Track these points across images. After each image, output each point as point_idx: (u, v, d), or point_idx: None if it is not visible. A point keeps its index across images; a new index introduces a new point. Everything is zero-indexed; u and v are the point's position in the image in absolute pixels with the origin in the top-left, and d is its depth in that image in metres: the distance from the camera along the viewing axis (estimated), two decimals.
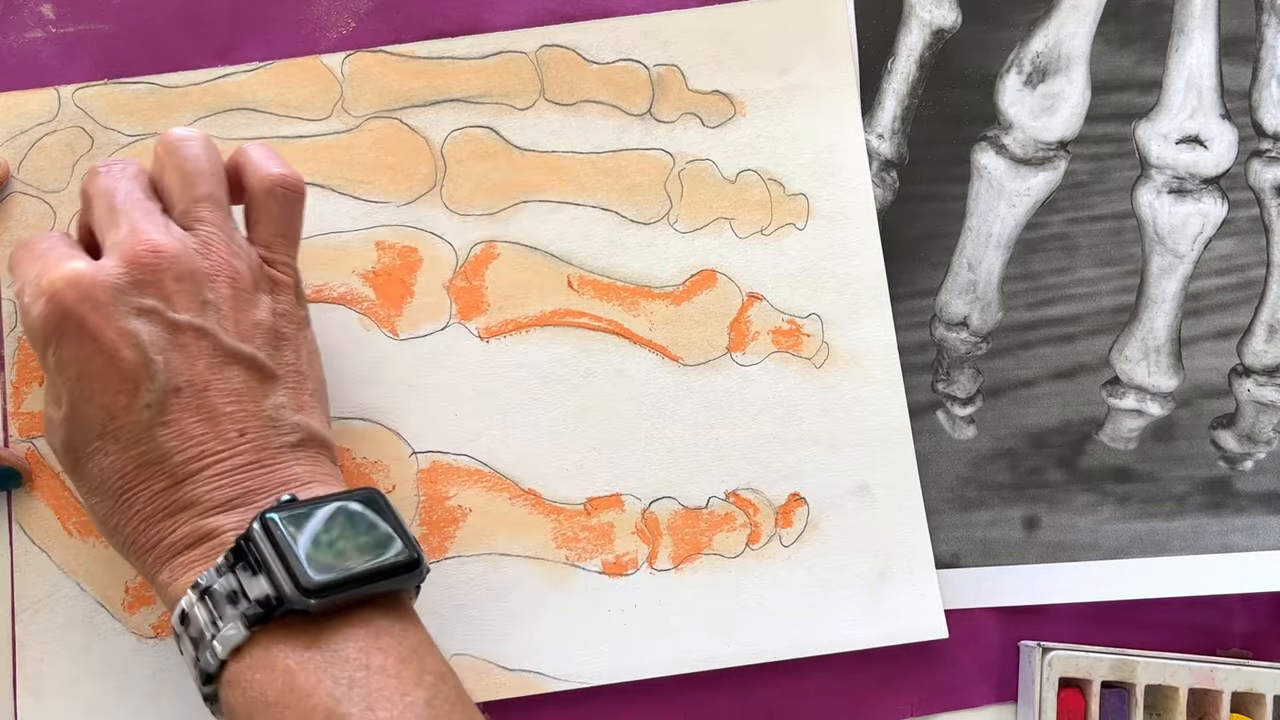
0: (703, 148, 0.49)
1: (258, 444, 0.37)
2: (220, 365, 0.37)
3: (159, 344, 0.36)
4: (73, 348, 0.36)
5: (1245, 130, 0.50)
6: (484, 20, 0.49)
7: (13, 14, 0.48)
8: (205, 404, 0.37)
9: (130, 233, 0.38)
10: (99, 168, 0.40)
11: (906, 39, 0.50)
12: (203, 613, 0.35)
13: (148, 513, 0.37)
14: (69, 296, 0.36)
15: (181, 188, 0.39)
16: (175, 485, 0.36)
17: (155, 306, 0.37)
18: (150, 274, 0.37)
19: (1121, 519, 0.49)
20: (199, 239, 0.38)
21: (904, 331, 0.49)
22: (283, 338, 0.40)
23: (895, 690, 0.47)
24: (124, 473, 0.37)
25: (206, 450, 0.37)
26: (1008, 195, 0.49)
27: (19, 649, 0.44)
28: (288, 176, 0.41)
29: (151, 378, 0.36)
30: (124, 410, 0.36)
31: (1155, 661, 0.47)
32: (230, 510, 0.36)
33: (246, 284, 0.39)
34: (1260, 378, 0.49)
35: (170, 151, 0.40)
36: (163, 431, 0.36)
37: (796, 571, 0.47)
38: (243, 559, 0.35)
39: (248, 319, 0.38)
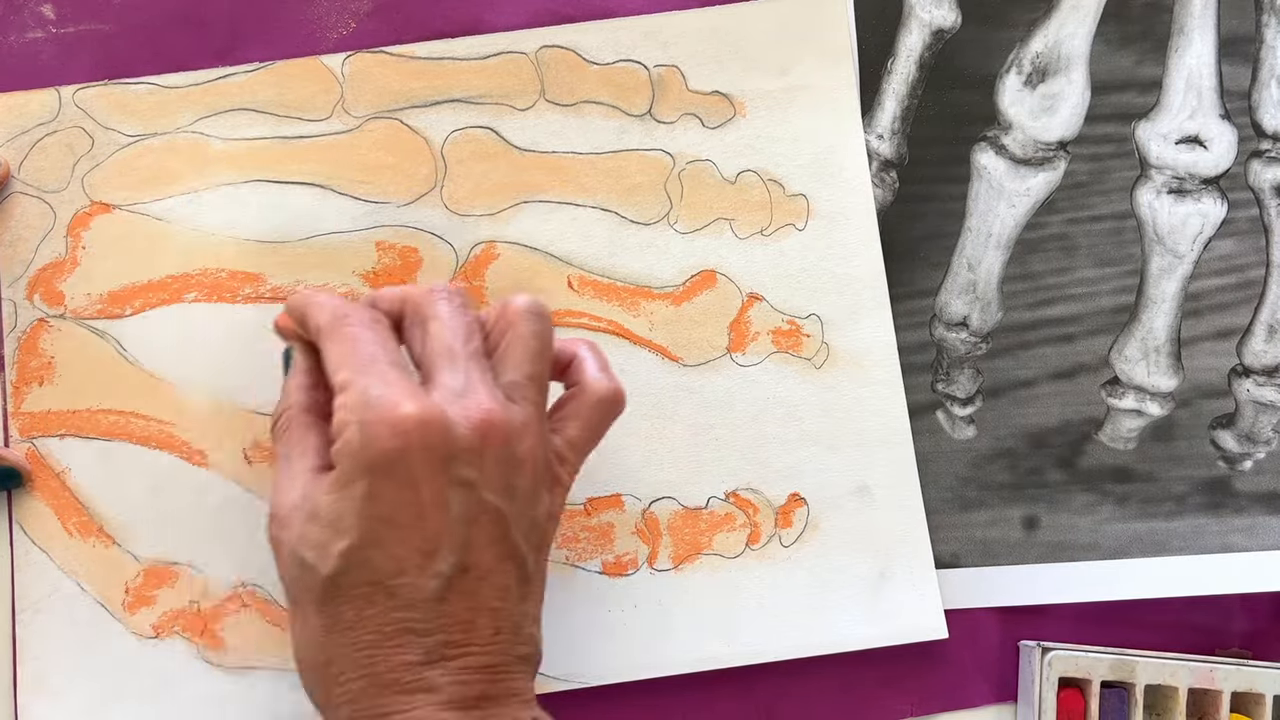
0: (703, 148, 0.49)
1: (504, 648, 0.36)
2: (503, 557, 0.36)
3: (465, 519, 0.35)
4: (393, 490, 0.34)
5: (1245, 130, 0.50)
6: (484, 21, 0.49)
7: (13, 14, 0.48)
8: (478, 592, 0.35)
9: (472, 392, 0.36)
10: (440, 293, 0.38)
11: (906, 39, 0.50)
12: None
13: (387, 680, 0.34)
14: (415, 442, 0.34)
15: (518, 359, 0.37)
16: (425, 664, 0.35)
17: (474, 480, 0.35)
18: (481, 445, 0.35)
19: (1121, 519, 0.49)
20: (521, 420, 0.36)
21: (904, 332, 0.49)
22: (545, 541, 0.38)
23: (895, 690, 0.47)
24: (382, 630, 0.35)
25: (468, 640, 0.35)
26: (1007, 195, 0.50)
27: (19, 649, 0.44)
28: (622, 395, 0.40)
29: (452, 550, 0.35)
30: (415, 570, 0.35)
31: (1155, 661, 0.47)
32: (464, 711, 0.35)
33: (541, 478, 0.37)
34: (1260, 378, 0.49)
35: (518, 320, 0.38)
36: (440, 607, 0.35)
37: (796, 572, 0.47)
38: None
39: (530, 515, 0.37)
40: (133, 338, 0.46)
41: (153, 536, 0.45)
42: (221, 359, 0.46)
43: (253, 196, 0.47)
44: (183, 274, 0.47)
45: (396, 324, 0.39)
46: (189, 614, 0.45)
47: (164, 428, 0.46)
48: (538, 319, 0.38)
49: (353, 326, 0.37)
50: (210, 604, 0.45)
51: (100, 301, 0.46)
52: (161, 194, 0.47)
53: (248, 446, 0.46)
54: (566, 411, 0.39)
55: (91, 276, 0.46)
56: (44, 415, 0.46)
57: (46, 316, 0.46)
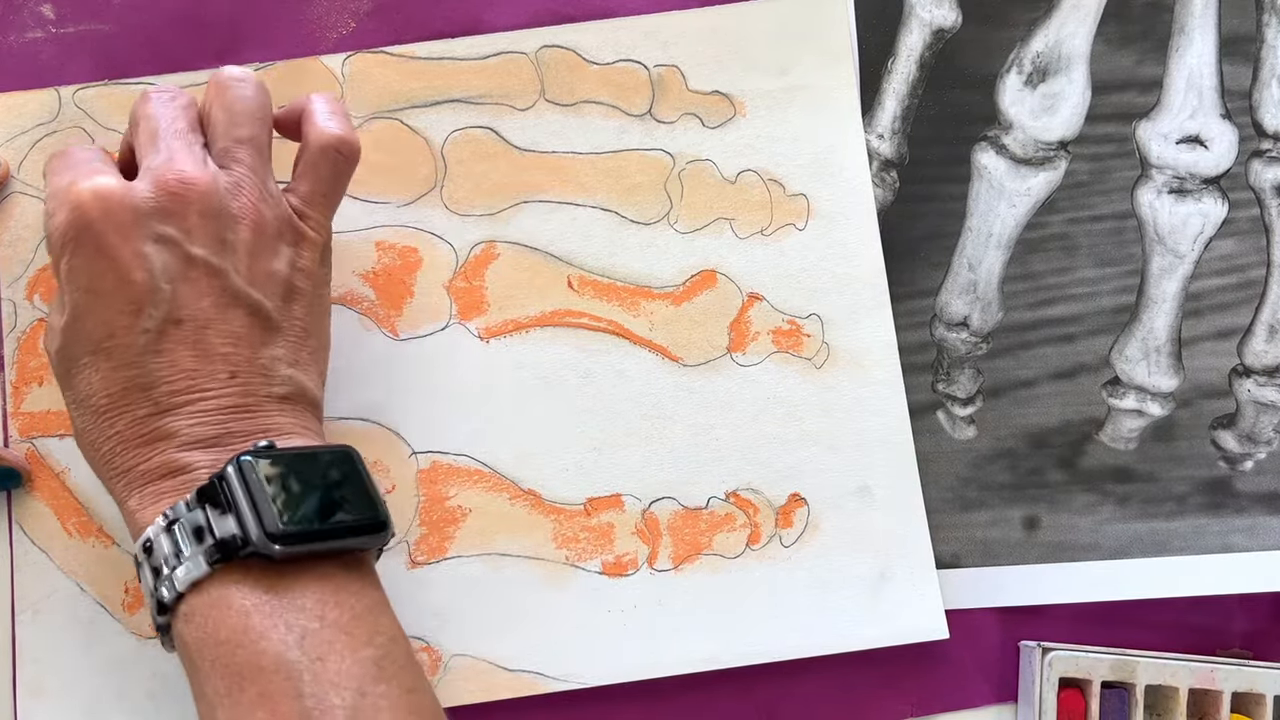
0: (703, 148, 0.49)
1: (246, 389, 0.37)
2: (225, 306, 0.37)
3: (170, 273, 0.37)
4: (86, 260, 0.36)
5: (1245, 130, 0.50)
6: (484, 21, 0.49)
7: (13, 14, 0.48)
8: (202, 340, 0.37)
9: (166, 161, 0.38)
10: (150, 93, 0.40)
11: (907, 39, 0.50)
12: (167, 544, 0.35)
13: (127, 436, 0.37)
14: (93, 210, 0.36)
15: (225, 126, 0.39)
16: (157, 414, 0.37)
17: (174, 236, 0.37)
18: (176, 204, 0.37)
19: (1122, 519, 0.49)
20: (232, 179, 0.38)
21: (904, 331, 0.49)
22: (296, 291, 0.39)
23: (896, 690, 0.47)
24: (110, 392, 0.37)
25: (194, 385, 0.37)
26: (1008, 195, 0.49)
27: (19, 649, 0.44)
28: (346, 139, 0.41)
29: (155, 304, 0.36)
30: (123, 330, 0.36)
31: (1155, 662, 0.47)
32: (208, 448, 0.36)
33: (270, 232, 0.39)
34: (1260, 378, 0.49)
35: (220, 90, 0.40)
36: (155, 359, 0.37)
37: (797, 572, 0.47)
38: (213, 497, 0.35)
39: (262, 267, 0.38)
40: None
41: None
42: None
43: None
44: None
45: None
46: None
47: None
48: (242, 84, 0.40)
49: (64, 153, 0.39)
50: None
51: None
52: None
53: None
54: (299, 168, 0.41)
55: None
56: (44, 415, 0.46)
57: (46, 316, 0.46)
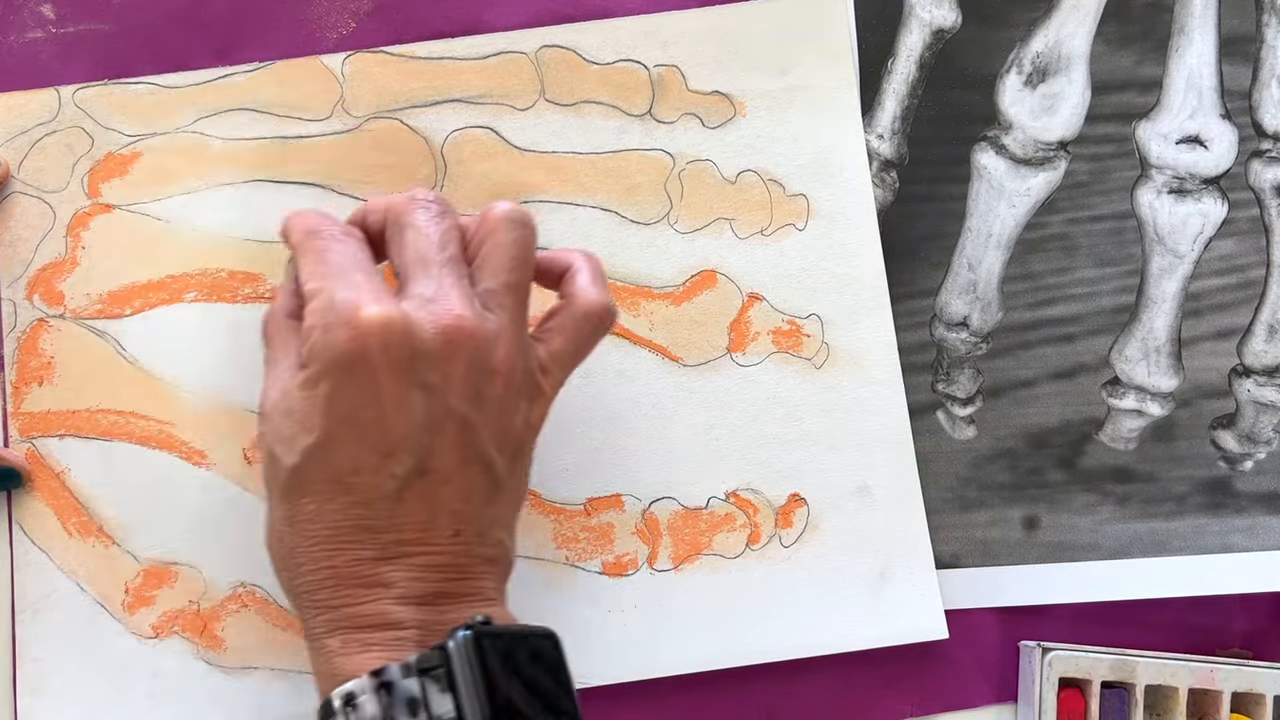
0: (703, 148, 0.49)
1: (465, 549, 0.36)
2: (468, 463, 0.36)
3: (429, 424, 0.35)
4: (354, 391, 0.35)
5: (1245, 130, 0.50)
6: (484, 21, 0.49)
7: (13, 14, 0.48)
8: (438, 495, 0.36)
9: (441, 295, 0.36)
10: (419, 201, 0.38)
11: (906, 39, 0.50)
12: (373, 706, 0.33)
13: (344, 574, 0.35)
14: (375, 344, 0.35)
15: (495, 267, 0.38)
16: (380, 560, 0.35)
17: (439, 386, 0.35)
18: (448, 350, 0.35)
19: (1121, 519, 0.49)
20: (495, 327, 0.37)
21: (904, 331, 0.49)
22: (523, 450, 0.38)
23: (895, 690, 0.47)
24: (339, 526, 0.36)
25: (423, 539, 0.36)
26: (1008, 195, 0.49)
27: (19, 649, 0.44)
28: (611, 310, 0.40)
29: (410, 452, 0.35)
30: (370, 470, 0.35)
31: (1155, 661, 0.47)
32: (420, 605, 0.35)
33: (518, 388, 0.37)
34: (1260, 378, 0.49)
35: (497, 227, 0.38)
36: (395, 507, 0.35)
37: (797, 572, 0.47)
38: (429, 669, 0.33)
39: (505, 424, 0.37)
40: (133, 338, 0.46)
41: (152, 536, 0.45)
42: (221, 359, 0.46)
43: (253, 196, 0.47)
44: (183, 274, 0.47)
45: (381, 237, 0.39)
46: (188, 614, 0.45)
47: (164, 428, 0.46)
48: (518, 226, 0.38)
49: (323, 240, 0.38)
50: (210, 604, 0.45)
51: (100, 301, 0.46)
52: (161, 194, 0.47)
53: (247, 446, 0.46)
54: (553, 323, 0.40)
55: (91, 276, 0.46)
56: (44, 415, 0.46)
57: (46, 316, 0.46)
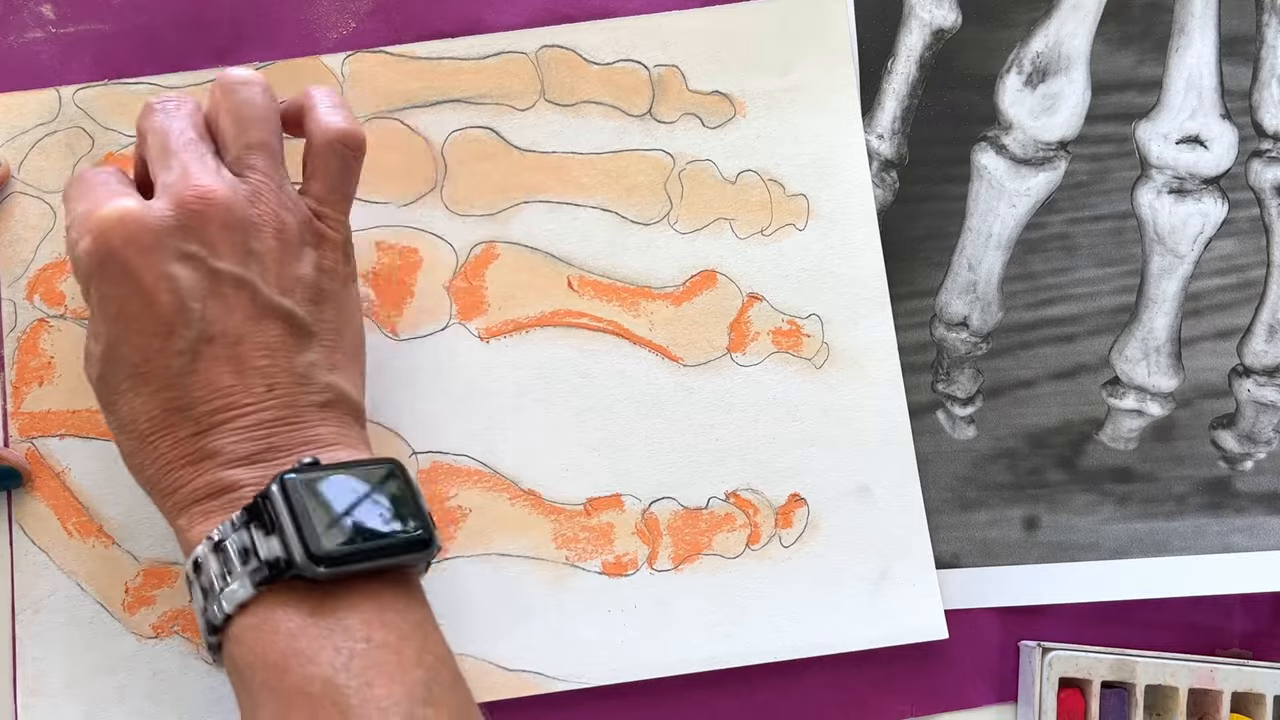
0: (703, 148, 0.49)
1: (285, 401, 0.37)
2: (257, 318, 0.37)
3: (198, 291, 0.36)
4: (113, 287, 0.36)
5: (1245, 130, 0.50)
6: (484, 21, 0.49)
7: (13, 14, 0.48)
8: (237, 356, 0.37)
9: (181, 175, 0.37)
10: (154, 104, 0.40)
11: (906, 39, 0.50)
12: (214, 565, 0.35)
13: (171, 458, 0.37)
14: (114, 236, 0.36)
15: (235, 133, 0.39)
16: (199, 434, 0.36)
17: (198, 253, 0.36)
18: (196, 220, 0.37)
19: (1121, 519, 0.49)
20: (249, 187, 0.38)
21: (904, 332, 0.49)
22: (324, 294, 0.39)
23: (895, 690, 0.47)
24: (151, 416, 0.37)
25: (233, 403, 0.37)
26: (1008, 195, 0.49)
27: (19, 649, 0.44)
28: (349, 133, 0.40)
29: (187, 324, 0.36)
30: (157, 354, 0.36)
31: (1155, 661, 0.47)
32: (252, 465, 0.36)
33: (292, 237, 0.38)
34: (1260, 378, 0.49)
35: (226, 94, 0.39)
36: (192, 379, 0.36)
37: (796, 572, 0.47)
38: (258, 517, 0.35)
39: (290, 273, 0.38)
40: None
41: (152, 536, 0.45)
42: None
43: None
44: None
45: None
46: (188, 614, 0.45)
47: None
48: (244, 86, 0.39)
49: (81, 178, 0.39)
50: None
51: None
52: None
53: None
54: (308, 167, 0.40)
55: None
56: (44, 415, 0.46)
57: (46, 316, 0.46)
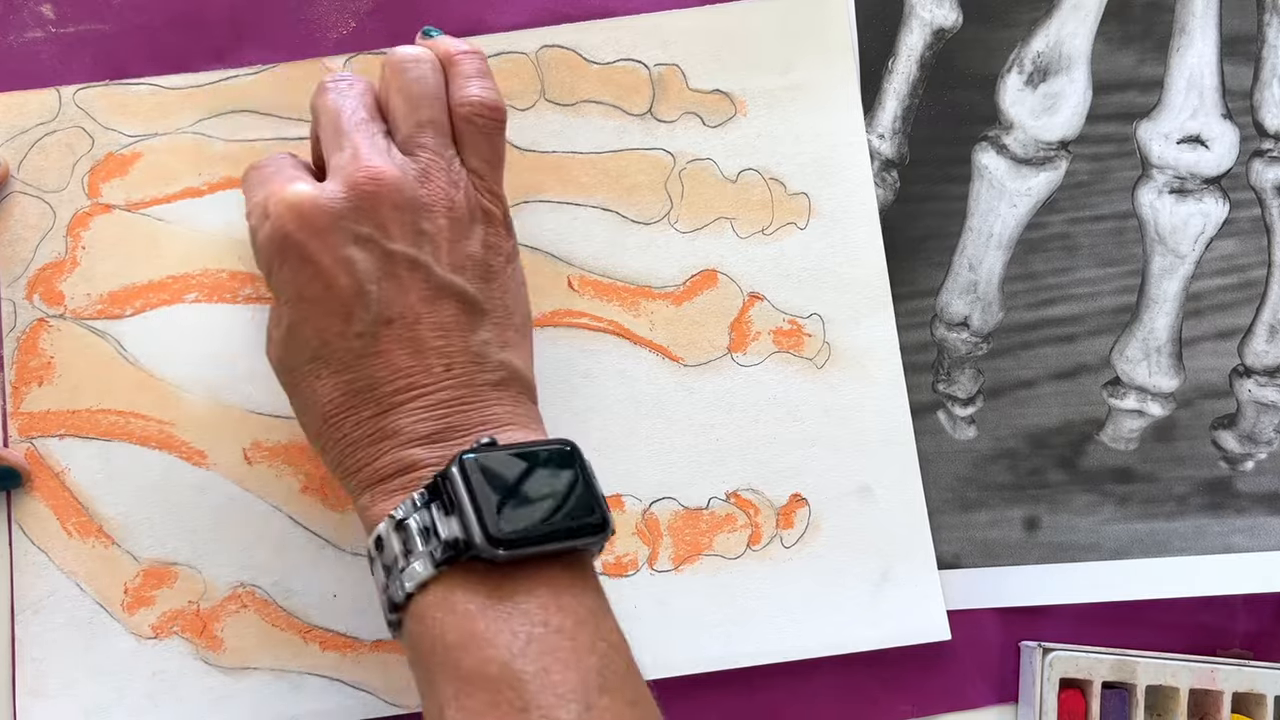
0: (703, 147, 0.49)
1: (462, 380, 0.37)
2: (432, 298, 0.37)
3: (374, 273, 0.37)
4: (292, 271, 0.37)
5: (1247, 130, 0.50)
6: (484, 21, 0.49)
7: (13, 14, 0.48)
8: (415, 336, 0.37)
9: (353, 157, 0.38)
10: (328, 83, 0.40)
11: (907, 39, 0.50)
12: (396, 543, 0.35)
13: (355, 438, 0.37)
14: (290, 221, 0.37)
15: (405, 112, 0.39)
16: (380, 414, 0.37)
17: (372, 235, 0.37)
18: (369, 201, 0.37)
19: (1122, 519, 0.49)
20: (419, 166, 0.38)
21: (905, 331, 0.49)
22: (492, 271, 0.39)
23: (896, 691, 0.47)
24: (333, 398, 0.37)
25: (413, 383, 0.37)
26: (1009, 195, 0.49)
27: (19, 649, 0.44)
28: (485, 102, 0.40)
29: (365, 307, 0.37)
30: (337, 336, 0.37)
31: (1156, 662, 0.47)
32: (431, 444, 0.37)
33: (462, 215, 0.39)
34: (1261, 378, 0.49)
35: (396, 73, 0.40)
36: (373, 361, 0.37)
37: (798, 572, 0.47)
38: (438, 497, 0.35)
39: (461, 251, 0.38)
40: (133, 338, 0.46)
41: (152, 537, 0.45)
42: (221, 359, 0.46)
43: None
44: (183, 274, 0.46)
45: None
46: (188, 614, 0.45)
47: (163, 428, 0.46)
48: (415, 64, 0.40)
49: (258, 166, 0.40)
50: (209, 604, 0.45)
51: (100, 301, 0.46)
52: (162, 194, 0.47)
53: (247, 446, 0.46)
54: (457, 140, 0.40)
55: (91, 276, 0.46)
56: (43, 415, 0.46)
57: (46, 316, 0.46)
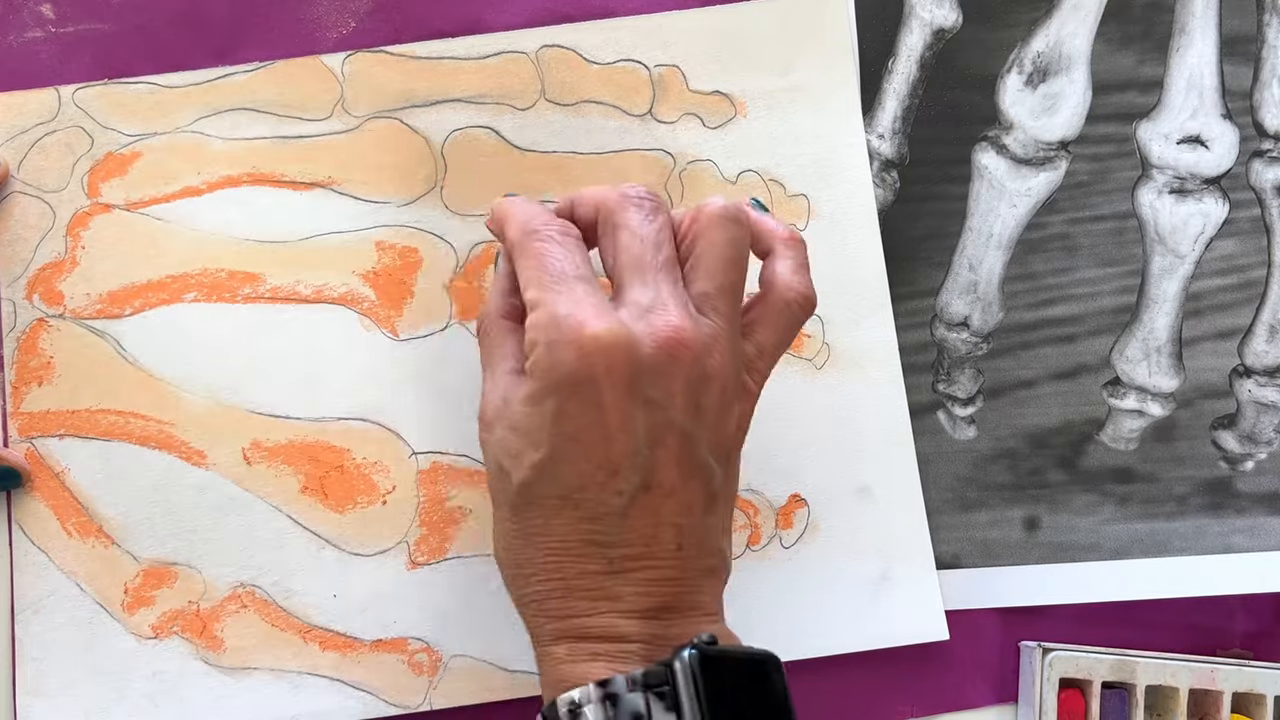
0: (703, 148, 0.49)
1: (686, 563, 0.36)
2: (688, 476, 0.36)
3: (651, 439, 0.35)
4: (579, 409, 0.35)
5: (1246, 130, 0.50)
6: (484, 20, 0.49)
7: (13, 14, 0.48)
8: (661, 510, 0.36)
9: (659, 304, 0.36)
10: (632, 199, 0.38)
11: (907, 39, 0.50)
12: (599, 714, 0.34)
13: (575, 586, 0.36)
14: (601, 365, 0.34)
15: (711, 268, 0.37)
16: (609, 574, 0.36)
17: (660, 401, 0.35)
18: (669, 365, 0.35)
19: (1122, 519, 0.49)
20: (710, 333, 0.36)
21: (905, 332, 0.49)
22: (732, 455, 0.38)
23: (896, 691, 0.47)
24: (567, 540, 0.36)
25: (649, 553, 0.36)
26: (1008, 195, 0.49)
27: (19, 649, 0.44)
28: (812, 299, 0.39)
29: (634, 469, 0.35)
30: (596, 487, 0.35)
31: (1156, 662, 0.47)
32: (645, 620, 0.35)
33: (731, 394, 0.37)
34: (1261, 378, 0.49)
35: (714, 225, 0.37)
36: (622, 523, 0.35)
37: (797, 573, 0.47)
38: (654, 685, 0.34)
39: (722, 431, 0.37)
40: (132, 338, 0.46)
41: (152, 537, 0.45)
42: (221, 359, 0.46)
43: (252, 196, 0.47)
44: (182, 274, 0.46)
45: (591, 229, 0.38)
46: (188, 614, 0.45)
47: (163, 428, 0.46)
48: (733, 225, 0.37)
49: (542, 241, 0.37)
50: (209, 604, 0.45)
51: (100, 301, 0.46)
52: (161, 194, 0.47)
53: (247, 446, 0.46)
54: (754, 315, 0.38)
55: (91, 276, 0.46)
56: (43, 415, 0.46)
57: (46, 316, 0.46)
